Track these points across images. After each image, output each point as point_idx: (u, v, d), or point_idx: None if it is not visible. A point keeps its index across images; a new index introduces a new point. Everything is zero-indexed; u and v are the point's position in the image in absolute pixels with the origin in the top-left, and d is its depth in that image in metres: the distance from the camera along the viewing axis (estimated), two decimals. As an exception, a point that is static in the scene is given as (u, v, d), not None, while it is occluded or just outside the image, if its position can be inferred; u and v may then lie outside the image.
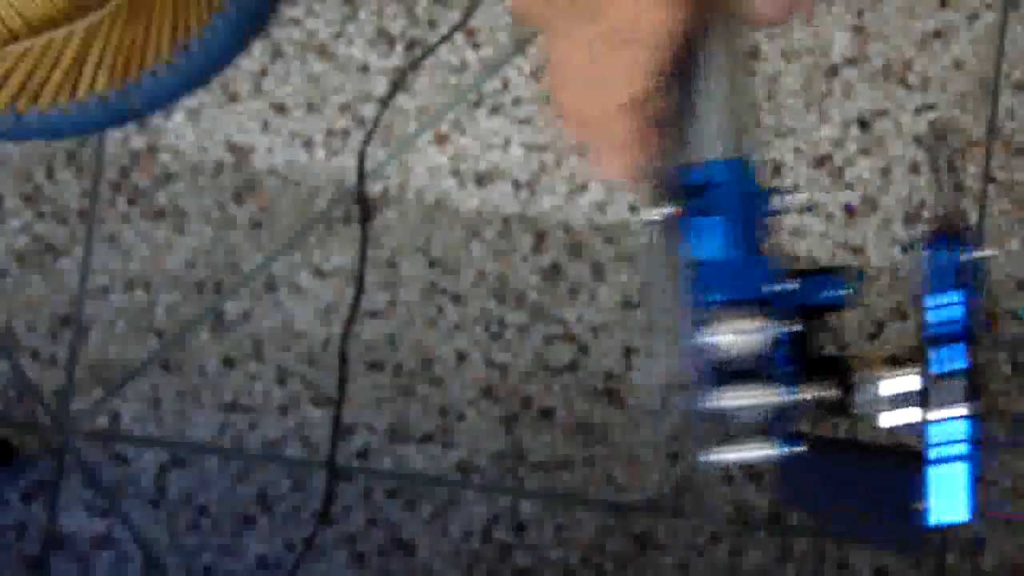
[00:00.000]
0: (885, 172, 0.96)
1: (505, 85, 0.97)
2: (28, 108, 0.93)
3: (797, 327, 0.32)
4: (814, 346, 0.33)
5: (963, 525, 0.97)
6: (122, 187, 0.98)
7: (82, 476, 0.97)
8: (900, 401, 0.32)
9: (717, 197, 0.33)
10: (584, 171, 0.97)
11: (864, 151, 0.97)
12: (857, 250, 0.96)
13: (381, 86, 0.98)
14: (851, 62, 0.97)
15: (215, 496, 0.98)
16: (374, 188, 0.97)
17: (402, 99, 0.97)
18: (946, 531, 0.97)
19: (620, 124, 0.33)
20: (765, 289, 0.32)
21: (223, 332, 0.98)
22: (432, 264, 0.97)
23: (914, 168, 0.97)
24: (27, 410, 0.98)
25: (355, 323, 0.97)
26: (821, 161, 0.97)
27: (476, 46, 0.97)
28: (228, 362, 0.98)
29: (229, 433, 0.98)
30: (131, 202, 0.98)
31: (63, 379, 0.98)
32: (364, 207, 0.97)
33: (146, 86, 0.93)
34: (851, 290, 0.34)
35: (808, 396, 0.32)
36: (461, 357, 0.97)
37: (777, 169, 0.97)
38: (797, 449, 0.32)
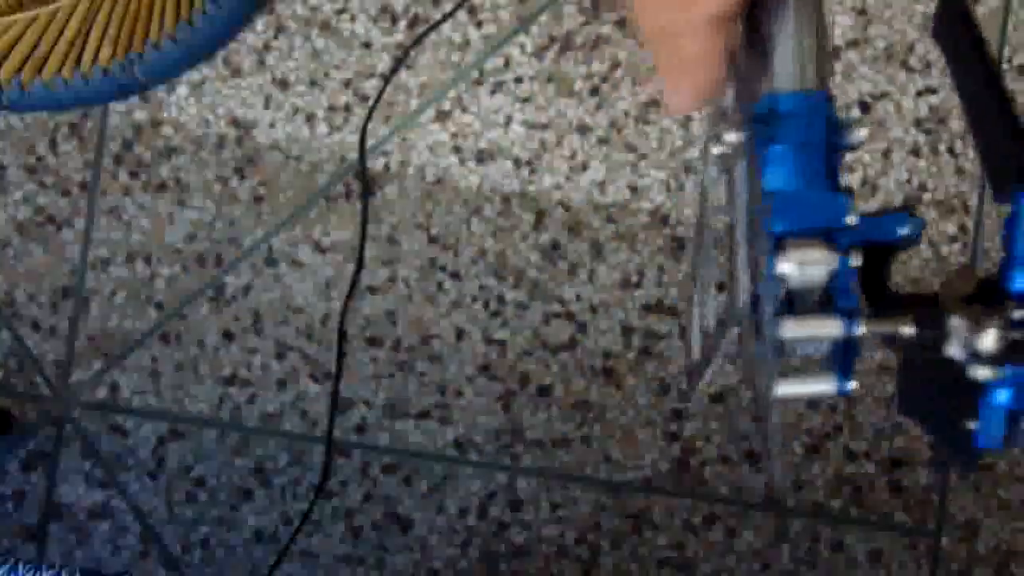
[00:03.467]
0: (886, 155, 0.97)
1: (507, 63, 0.97)
2: (32, 79, 0.93)
3: (859, 261, 0.32)
4: (879, 283, 0.33)
5: (960, 507, 0.96)
6: (124, 160, 0.98)
7: (81, 447, 0.98)
8: (997, 353, 0.31)
9: (788, 126, 0.33)
10: (584, 150, 0.97)
11: (865, 133, 0.97)
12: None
13: (383, 62, 0.98)
14: (853, 44, 0.97)
15: (213, 469, 0.98)
16: (375, 164, 0.98)
17: (404, 76, 0.98)
18: (943, 513, 0.97)
19: (701, 40, 0.33)
20: (831, 221, 0.32)
21: (223, 306, 0.98)
22: (432, 241, 0.98)
23: (915, 151, 0.97)
24: (27, 380, 0.98)
25: (354, 298, 0.98)
26: (822, 143, 0.97)
27: (479, 23, 0.98)
28: (227, 336, 0.98)
29: (228, 406, 0.98)
30: (133, 175, 0.98)
31: (63, 350, 0.98)
32: (365, 183, 0.97)
33: (149, 59, 0.94)
34: (915, 228, 0.34)
35: (874, 331, 0.32)
36: (460, 334, 0.98)
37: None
38: (853, 386, 0.32)
